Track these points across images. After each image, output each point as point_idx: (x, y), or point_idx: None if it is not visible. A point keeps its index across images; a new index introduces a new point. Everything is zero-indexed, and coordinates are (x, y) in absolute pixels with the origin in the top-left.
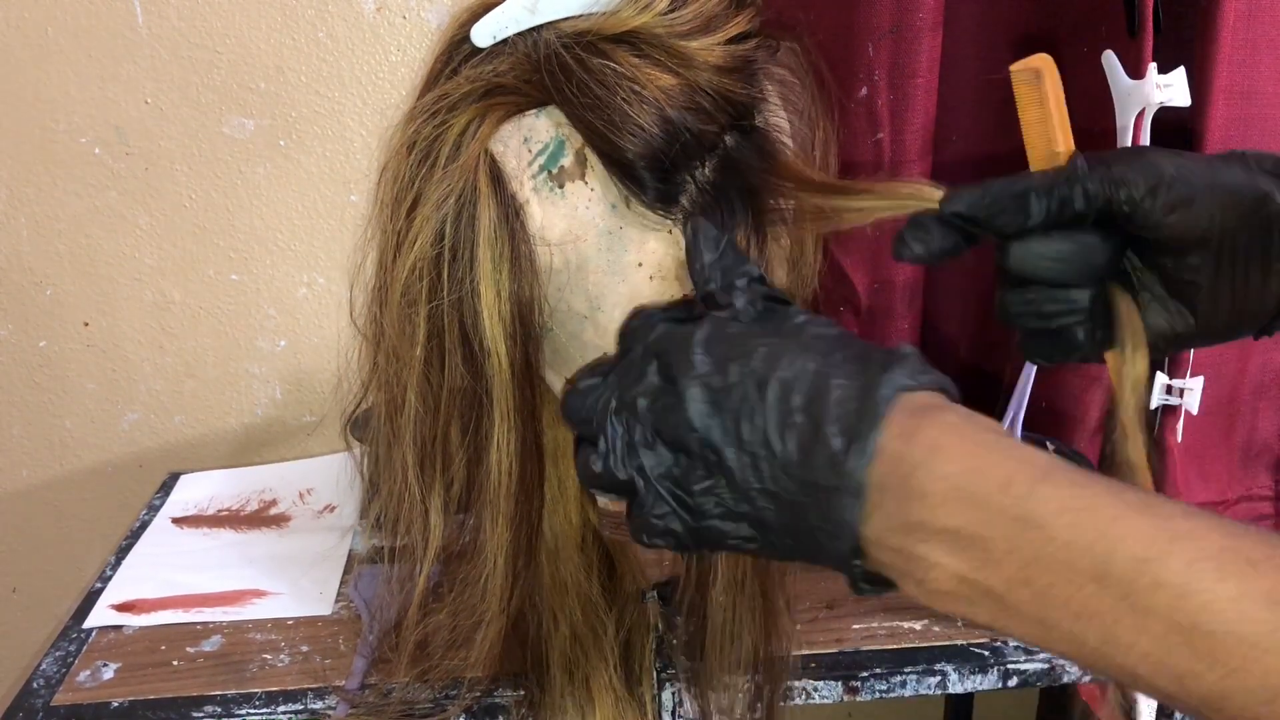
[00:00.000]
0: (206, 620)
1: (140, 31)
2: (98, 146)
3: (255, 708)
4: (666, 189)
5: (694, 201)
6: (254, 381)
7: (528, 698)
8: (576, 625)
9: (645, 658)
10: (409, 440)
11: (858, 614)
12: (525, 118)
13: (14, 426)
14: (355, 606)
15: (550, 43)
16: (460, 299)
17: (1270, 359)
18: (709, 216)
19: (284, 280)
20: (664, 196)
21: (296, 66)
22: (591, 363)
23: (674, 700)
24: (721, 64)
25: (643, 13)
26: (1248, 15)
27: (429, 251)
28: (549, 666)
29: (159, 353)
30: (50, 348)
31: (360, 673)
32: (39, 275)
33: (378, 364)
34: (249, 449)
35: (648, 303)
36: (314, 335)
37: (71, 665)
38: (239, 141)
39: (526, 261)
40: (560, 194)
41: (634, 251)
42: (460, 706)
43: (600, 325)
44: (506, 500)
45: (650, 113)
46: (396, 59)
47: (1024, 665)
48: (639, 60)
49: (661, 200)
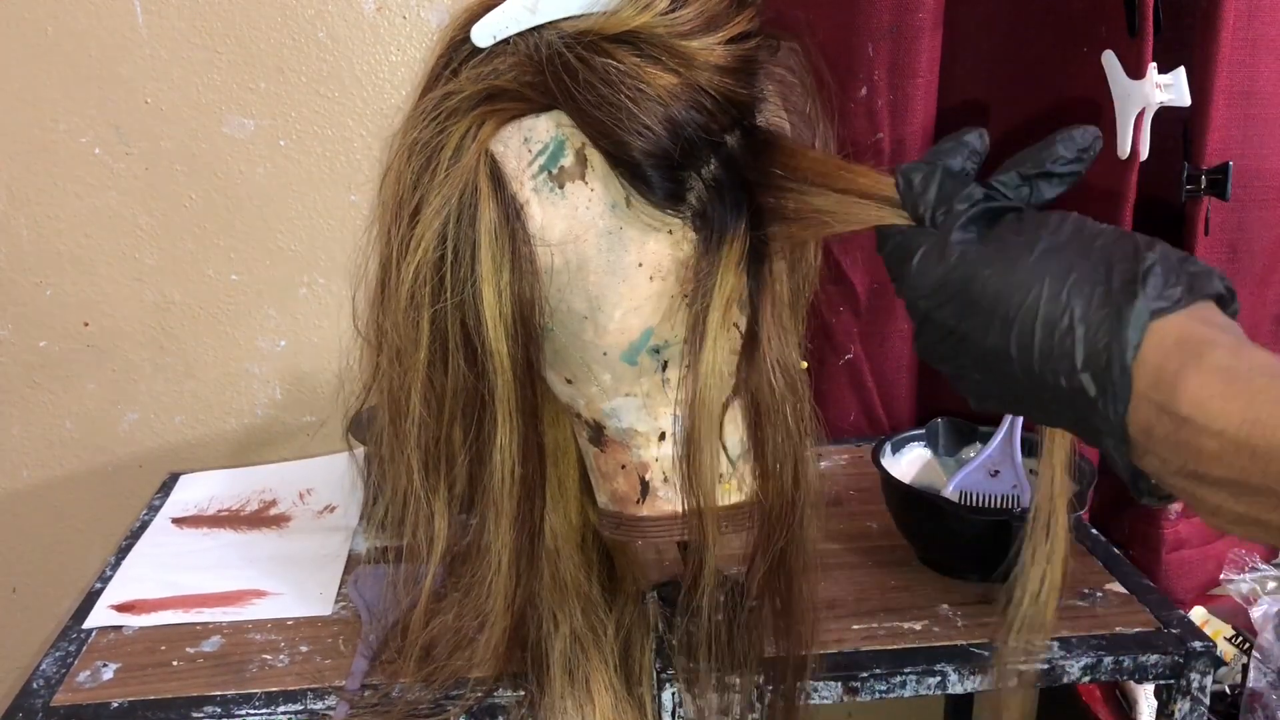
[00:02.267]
0: (206, 620)
1: (140, 31)
2: (98, 146)
3: (255, 708)
4: (674, 187)
5: (700, 200)
6: (254, 381)
7: (527, 698)
8: (576, 625)
9: (645, 658)
10: (413, 443)
11: (858, 614)
12: (525, 118)
13: (14, 426)
14: (355, 606)
15: (552, 42)
16: (462, 300)
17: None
18: (713, 217)
19: (284, 280)
20: (671, 195)
21: (296, 66)
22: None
23: (674, 700)
24: (722, 63)
25: (643, 12)
26: (1248, 15)
27: (432, 254)
28: (549, 667)
29: (159, 353)
30: (50, 348)
31: (360, 673)
32: (39, 275)
33: (380, 366)
34: (249, 449)
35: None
36: (314, 335)
37: (71, 665)
38: (239, 141)
39: (527, 262)
40: (560, 194)
41: (634, 251)
42: (461, 707)
43: (600, 325)
44: (509, 500)
45: (655, 111)
46: (396, 59)
47: (1024, 665)
48: (640, 60)
49: (669, 199)
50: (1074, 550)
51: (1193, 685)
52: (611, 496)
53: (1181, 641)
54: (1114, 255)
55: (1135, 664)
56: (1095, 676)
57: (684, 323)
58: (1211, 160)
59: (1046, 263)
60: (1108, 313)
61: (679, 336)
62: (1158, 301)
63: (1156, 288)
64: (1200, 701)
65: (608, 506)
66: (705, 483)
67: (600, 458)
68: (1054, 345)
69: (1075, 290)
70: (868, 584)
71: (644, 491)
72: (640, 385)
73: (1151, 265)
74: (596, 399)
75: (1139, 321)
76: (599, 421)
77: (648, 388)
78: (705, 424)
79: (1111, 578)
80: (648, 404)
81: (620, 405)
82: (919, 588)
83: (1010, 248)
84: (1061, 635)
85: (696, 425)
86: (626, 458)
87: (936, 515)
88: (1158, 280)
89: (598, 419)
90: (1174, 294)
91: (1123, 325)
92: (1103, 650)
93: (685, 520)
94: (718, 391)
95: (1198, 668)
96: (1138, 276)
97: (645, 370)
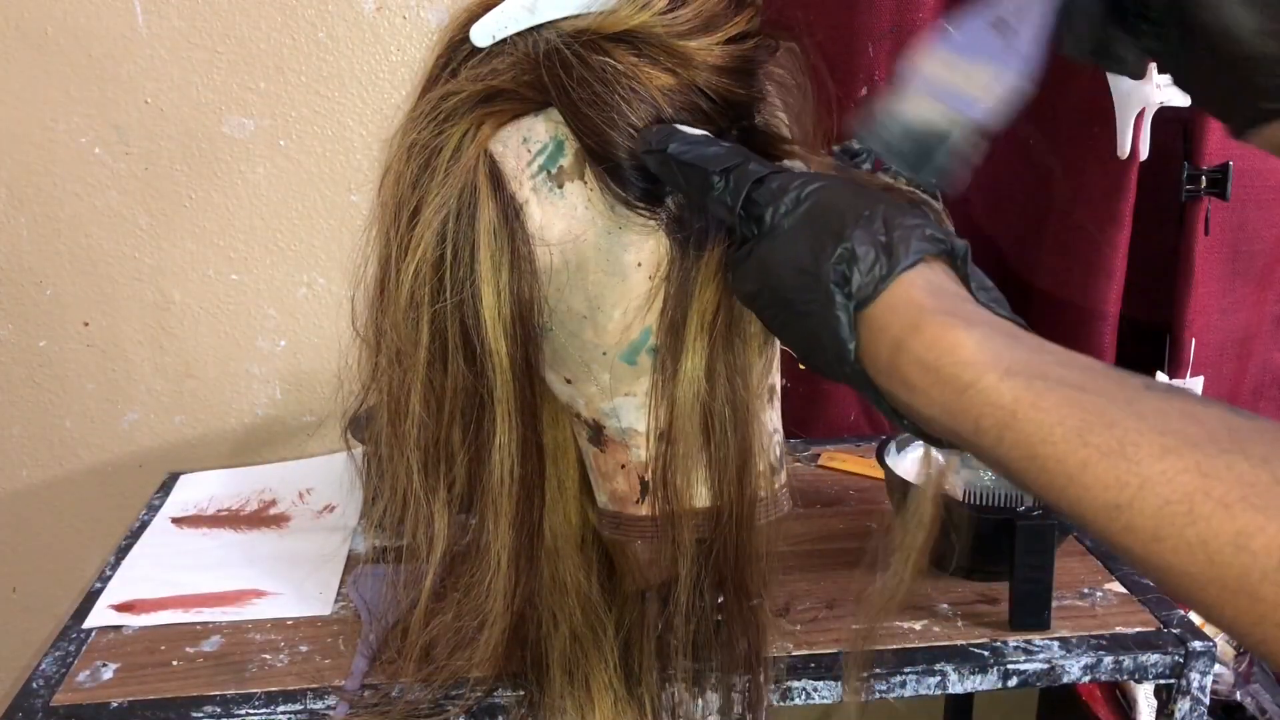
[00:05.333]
0: (206, 620)
1: (140, 31)
2: (98, 146)
3: (255, 708)
4: (652, 189)
5: (680, 204)
6: (254, 381)
7: (527, 698)
8: (576, 625)
9: (645, 658)
10: (413, 443)
11: (858, 614)
12: (524, 118)
13: (14, 426)
14: (355, 606)
15: (550, 40)
16: (462, 300)
17: (1270, 359)
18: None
19: (284, 280)
20: (649, 197)
21: (296, 66)
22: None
23: (673, 700)
24: (720, 64)
25: (641, 11)
26: None
27: (431, 254)
28: (548, 667)
29: (159, 353)
30: (50, 348)
31: (360, 673)
32: (39, 275)
33: (379, 366)
34: (249, 449)
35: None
36: (314, 335)
37: (71, 665)
38: (239, 141)
39: (526, 262)
40: (559, 194)
41: (633, 251)
42: (461, 707)
43: (599, 325)
44: (509, 500)
45: (647, 112)
46: (396, 59)
47: (1024, 665)
48: (638, 59)
49: (645, 199)
50: (1074, 550)
51: (1193, 685)
52: (611, 496)
53: (1181, 641)
54: (822, 237)
55: (1135, 664)
56: (1095, 676)
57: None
58: (1211, 160)
59: (788, 249)
60: (825, 308)
61: None
62: (861, 290)
63: (860, 274)
64: (1200, 701)
65: (607, 506)
66: (679, 489)
67: (600, 458)
68: (810, 345)
69: (798, 282)
70: (867, 584)
71: (644, 491)
72: (640, 385)
73: (851, 250)
74: (596, 399)
75: (846, 319)
76: (598, 421)
77: (647, 387)
78: (680, 433)
79: (1111, 577)
80: (647, 404)
81: (620, 405)
82: (919, 587)
83: (766, 239)
84: (1061, 635)
85: (672, 434)
86: (626, 457)
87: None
88: (862, 264)
89: (597, 419)
90: (876, 274)
91: (836, 325)
92: (1103, 650)
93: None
94: (696, 402)
95: (1198, 668)
96: (842, 262)
97: (645, 370)
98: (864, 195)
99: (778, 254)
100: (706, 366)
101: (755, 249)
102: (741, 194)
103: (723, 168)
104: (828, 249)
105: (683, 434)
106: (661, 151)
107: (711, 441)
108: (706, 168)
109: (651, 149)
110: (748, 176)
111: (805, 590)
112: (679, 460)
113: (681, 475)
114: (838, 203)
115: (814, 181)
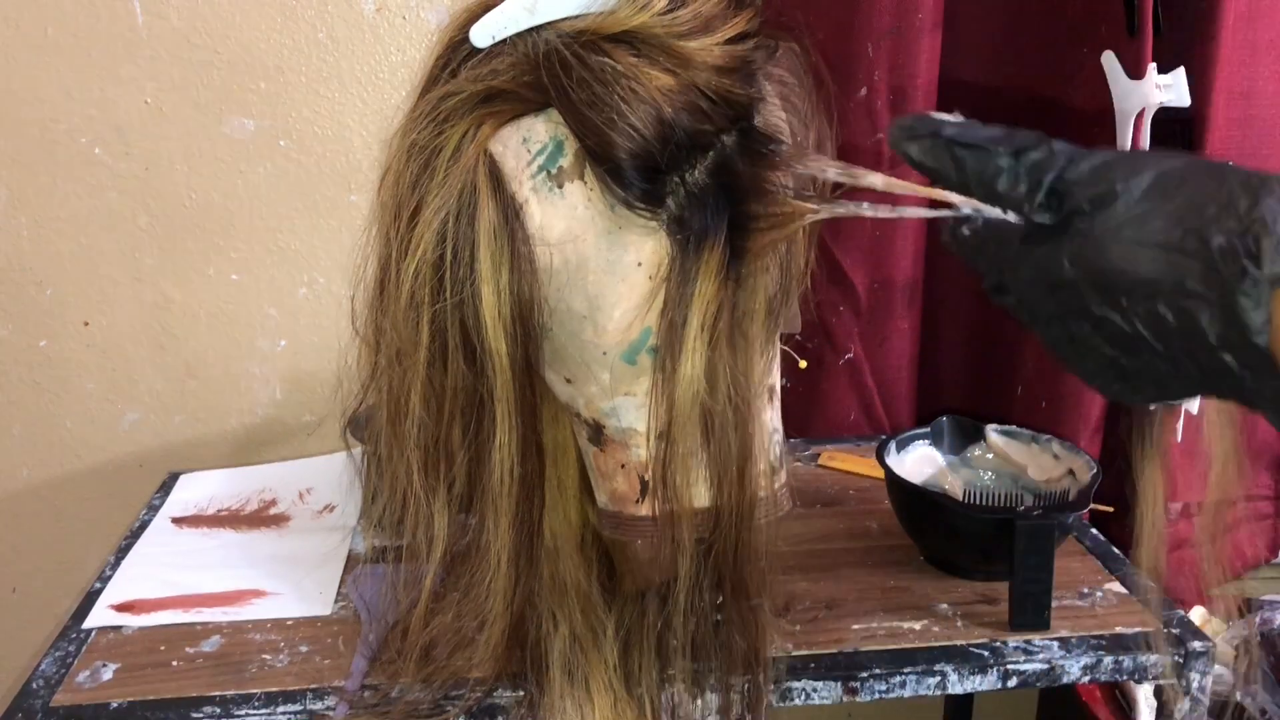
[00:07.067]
0: (206, 620)
1: (140, 31)
2: (98, 146)
3: (255, 708)
4: (652, 190)
5: (679, 205)
6: (254, 381)
7: (527, 698)
8: (576, 625)
9: (644, 658)
10: (413, 443)
11: (857, 614)
12: (524, 118)
13: (14, 426)
14: (355, 606)
15: (549, 41)
16: (462, 300)
17: None
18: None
19: (284, 280)
20: (649, 197)
21: (296, 66)
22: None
23: (673, 700)
24: (720, 64)
25: (641, 12)
26: (1248, 16)
27: (431, 254)
28: (548, 667)
29: (159, 353)
30: (50, 348)
31: (360, 673)
32: (39, 275)
33: (379, 366)
34: (249, 449)
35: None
36: (314, 335)
37: (71, 666)
38: (239, 141)
39: (526, 262)
40: (559, 194)
41: (633, 251)
42: (461, 707)
43: (599, 325)
44: (508, 500)
45: (646, 113)
46: (396, 59)
47: (1023, 665)
48: (637, 60)
49: (645, 200)
50: (1074, 550)
51: (1193, 685)
52: (611, 496)
53: (1181, 641)
54: (1202, 212)
55: (1135, 664)
56: (1095, 677)
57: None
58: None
59: (1139, 229)
60: (1214, 288)
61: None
62: (1273, 267)
63: (1271, 249)
64: (1200, 701)
65: (607, 506)
66: (678, 489)
67: (600, 457)
68: (1183, 326)
69: (1179, 262)
70: (868, 584)
71: (644, 491)
72: (640, 385)
73: (1262, 221)
74: (596, 398)
75: (1258, 295)
76: (598, 421)
77: (647, 387)
78: (680, 434)
79: (1111, 578)
80: (647, 403)
81: (620, 405)
82: (919, 587)
83: (1100, 221)
84: (1061, 635)
85: (672, 434)
86: (626, 457)
87: (942, 513)
88: (1272, 241)
89: (597, 418)
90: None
91: (1235, 305)
92: (1103, 650)
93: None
94: (695, 403)
95: (1198, 668)
96: (1248, 236)
97: (645, 370)
98: (1210, 170)
99: (1126, 234)
100: (706, 366)
101: (1082, 230)
102: (1048, 175)
103: (1015, 149)
104: (1213, 225)
105: (682, 434)
106: (933, 136)
107: (711, 441)
108: (992, 149)
109: (919, 134)
110: (1057, 157)
111: (805, 590)
112: (679, 460)
113: (681, 475)
114: (1192, 178)
115: (1144, 159)
